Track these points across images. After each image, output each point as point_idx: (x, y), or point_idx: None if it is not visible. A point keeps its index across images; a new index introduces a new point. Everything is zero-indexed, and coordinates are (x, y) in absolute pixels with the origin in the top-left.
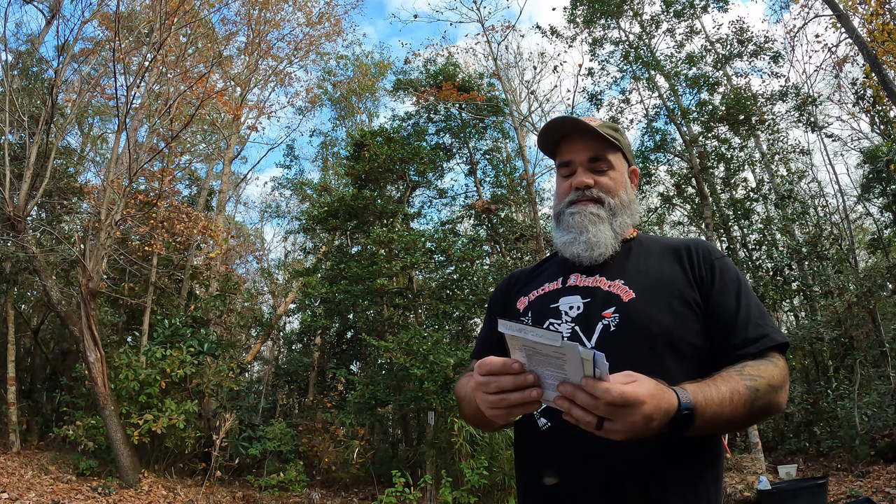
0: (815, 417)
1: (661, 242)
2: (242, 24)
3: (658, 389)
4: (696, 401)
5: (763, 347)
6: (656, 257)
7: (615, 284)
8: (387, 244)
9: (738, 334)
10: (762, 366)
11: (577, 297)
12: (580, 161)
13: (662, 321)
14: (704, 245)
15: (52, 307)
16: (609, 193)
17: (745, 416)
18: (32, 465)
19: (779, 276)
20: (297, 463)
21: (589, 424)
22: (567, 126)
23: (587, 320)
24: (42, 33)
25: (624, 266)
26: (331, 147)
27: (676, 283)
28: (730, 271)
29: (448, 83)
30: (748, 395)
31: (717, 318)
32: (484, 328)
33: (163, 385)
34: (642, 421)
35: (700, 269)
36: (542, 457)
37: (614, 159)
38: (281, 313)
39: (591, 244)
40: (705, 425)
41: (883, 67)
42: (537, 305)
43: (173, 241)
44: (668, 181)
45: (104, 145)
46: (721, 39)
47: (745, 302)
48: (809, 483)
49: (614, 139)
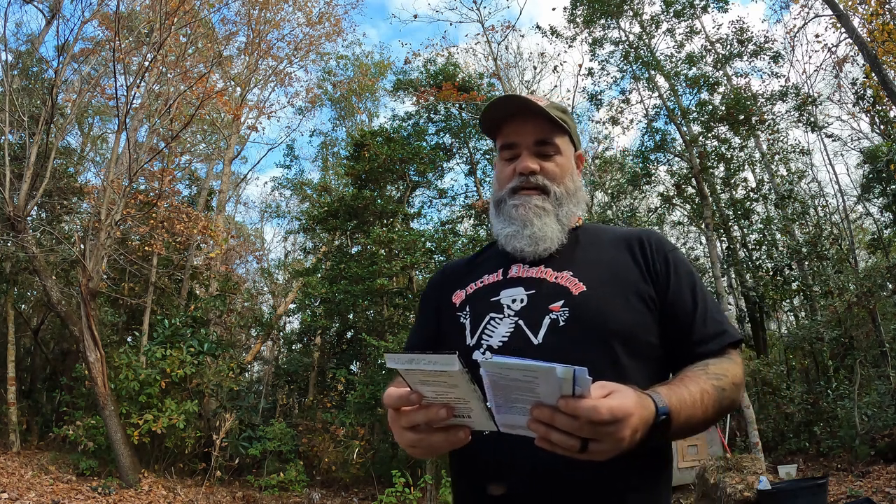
0: (815, 417)
1: (611, 232)
2: (242, 24)
3: (639, 397)
4: (670, 404)
5: (723, 344)
6: (606, 248)
7: (563, 276)
8: (387, 244)
9: (697, 331)
10: (724, 364)
11: (520, 288)
12: (525, 144)
13: (618, 317)
14: (657, 237)
15: (52, 307)
16: (555, 181)
17: (713, 417)
18: (32, 465)
19: (779, 276)
20: (297, 463)
21: (571, 448)
22: (513, 105)
23: (532, 314)
24: (42, 33)
25: (571, 257)
26: (331, 147)
27: (630, 277)
28: (684, 265)
29: (448, 83)
30: (716, 394)
31: (674, 315)
32: (415, 325)
33: (163, 385)
34: (630, 435)
35: (654, 262)
36: (485, 463)
37: (562, 143)
38: (281, 313)
39: (536, 238)
40: (679, 429)
41: (883, 67)
42: (476, 299)
43: (173, 241)
44: (668, 181)
45: (104, 145)
46: (721, 39)
47: (702, 297)
48: (809, 483)
49: (562, 121)
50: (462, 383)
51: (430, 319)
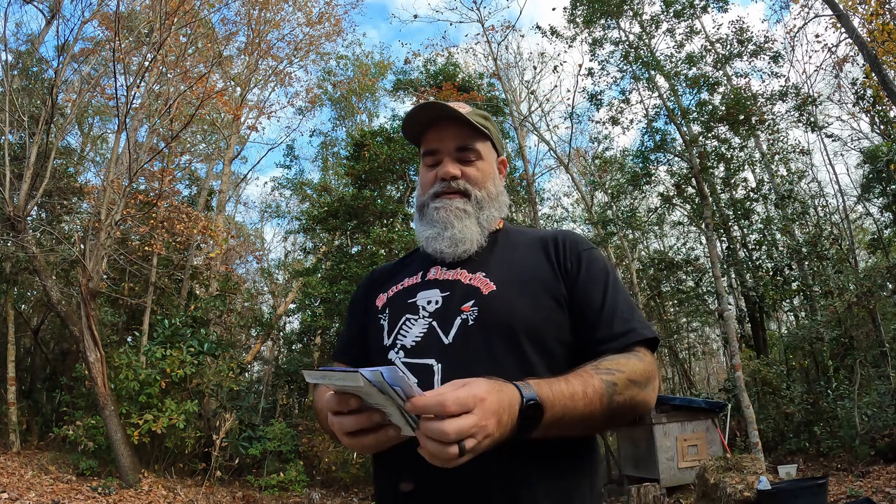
0: (815, 417)
1: (528, 234)
2: (242, 24)
3: (494, 384)
4: (541, 393)
5: (628, 343)
6: (521, 249)
7: (476, 277)
8: (387, 244)
9: (602, 329)
10: (622, 360)
11: (435, 290)
12: (447, 150)
13: (523, 314)
14: (573, 236)
15: (52, 307)
16: (476, 185)
17: (604, 413)
18: (32, 465)
19: (779, 276)
20: (297, 463)
21: (451, 456)
22: (433, 112)
23: (445, 315)
24: (42, 33)
25: (488, 259)
26: (331, 147)
27: (540, 275)
28: (597, 263)
29: (448, 83)
30: (604, 389)
31: (581, 312)
32: (344, 327)
33: (163, 385)
34: (494, 420)
35: (566, 260)
36: (397, 460)
37: (483, 149)
38: (281, 313)
39: (456, 240)
40: (557, 422)
41: (883, 67)
42: (395, 301)
43: (173, 241)
44: (668, 181)
45: (104, 145)
46: (721, 39)
47: (612, 295)
48: (809, 483)
49: (483, 127)
50: (374, 393)
51: (355, 322)
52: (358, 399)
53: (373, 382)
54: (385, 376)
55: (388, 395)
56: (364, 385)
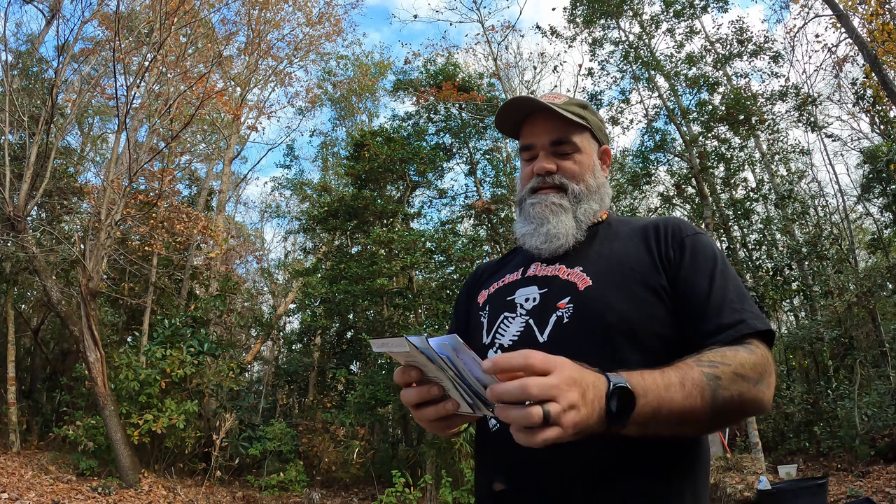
0: (815, 417)
1: (631, 224)
2: (242, 24)
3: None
4: (631, 380)
5: (737, 335)
6: (621, 240)
7: (574, 272)
8: (387, 244)
9: (710, 320)
10: (728, 352)
11: (534, 287)
12: (542, 145)
13: (620, 309)
14: (676, 222)
15: (52, 307)
16: (573, 179)
17: (707, 410)
18: (32, 465)
19: (779, 276)
20: (297, 463)
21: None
22: (526, 106)
23: (542, 313)
24: (42, 33)
25: (587, 252)
26: (331, 147)
27: (639, 267)
28: (704, 250)
29: (448, 83)
30: (705, 382)
31: (685, 302)
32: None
33: (163, 385)
34: (576, 390)
35: (668, 248)
36: (492, 461)
37: (580, 141)
38: (281, 313)
39: (551, 236)
40: (654, 415)
41: (883, 67)
42: (495, 299)
43: (173, 241)
44: (668, 181)
45: (104, 145)
46: (721, 39)
47: (721, 283)
48: (809, 483)
49: (581, 118)
50: (427, 364)
51: (459, 319)
52: (419, 371)
53: (419, 348)
54: (433, 344)
55: (438, 365)
56: (410, 349)
